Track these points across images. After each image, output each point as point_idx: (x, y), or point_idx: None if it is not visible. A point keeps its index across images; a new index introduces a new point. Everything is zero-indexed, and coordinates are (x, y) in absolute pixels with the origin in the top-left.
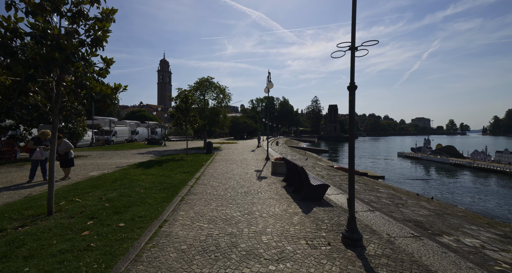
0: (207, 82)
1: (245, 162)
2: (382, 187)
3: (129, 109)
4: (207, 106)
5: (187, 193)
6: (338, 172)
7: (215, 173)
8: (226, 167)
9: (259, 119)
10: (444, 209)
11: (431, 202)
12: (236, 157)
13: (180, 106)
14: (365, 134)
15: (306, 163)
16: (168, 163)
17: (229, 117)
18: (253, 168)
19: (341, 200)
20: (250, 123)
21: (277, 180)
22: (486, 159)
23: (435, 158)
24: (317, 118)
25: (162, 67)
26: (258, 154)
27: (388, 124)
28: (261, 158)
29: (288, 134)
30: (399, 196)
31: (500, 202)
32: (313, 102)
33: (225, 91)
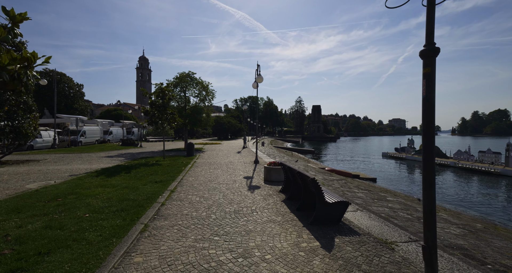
0: (188, 78)
1: (232, 167)
2: (385, 192)
3: (104, 107)
4: (189, 103)
5: (155, 216)
6: (333, 175)
7: (195, 182)
8: (210, 173)
9: (243, 119)
10: (471, 223)
11: (452, 213)
12: (221, 160)
13: (155, 102)
14: (346, 135)
15: (297, 166)
16: (138, 169)
17: (212, 117)
18: (242, 174)
19: (365, 222)
20: (235, 123)
21: (273, 191)
22: (469, 159)
23: (419, 158)
24: (301, 119)
25: (141, 64)
26: (245, 156)
27: (367, 124)
28: (249, 161)
29: (272, 134)
30: (413, 207)
31: None
32: (297, 102)
33: (208, 88)
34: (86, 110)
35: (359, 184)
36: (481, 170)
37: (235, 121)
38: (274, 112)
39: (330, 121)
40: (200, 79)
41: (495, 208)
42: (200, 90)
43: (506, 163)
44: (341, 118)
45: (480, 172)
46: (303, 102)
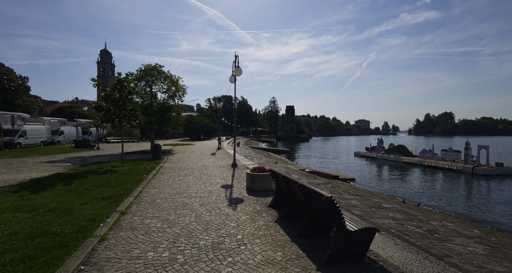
0: (155, 71)
1: (206, 172)
2: (374, 196)
3: (57, 104)
4: (156, 100)
5: (81, 267)
6: (317, 178)
7: (159, 196)
8: (179, 182)
9: (218, 119)
10: (485, 236)
11: (447, 217)
12: (193, 164)
13: (111, 95)
14: (318, 134)
15: (277, 168)
16: (84, 178)
17: (183, 116)
18: (219, 182)
19: (396, 254)
20: (208, 122)
21: (261, 205)
22: (433, 157)
23: (389, 157)
24: (274, 119)
25: (103, 58)
26: (221, 159)
27: (336, 125)
28: (226, 165)
29: (247, 135)
30: (414, 215)
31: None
32: (271, 102)
33: (179, 83)
34: (33, 106)
35: (347, 188)
36: (445, 167)
37: (208, 120)
38: (248, 112)
39: (302, 121)
40: (169, 73)
41: (478, 207)
42: (169, 85)
43: (466, 161)
44: (312, 119)
45: (444, 170)
46: (277, 103)
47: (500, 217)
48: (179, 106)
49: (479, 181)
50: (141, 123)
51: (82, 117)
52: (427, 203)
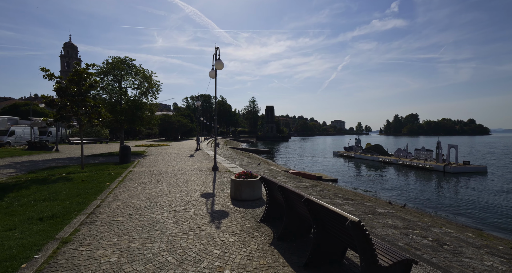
0: (125, 65)
1: (183, 178)
2: (365, 200)
3: (11, 101)
4: (126, 97)
5: None
6: (302, 180)
7: (121, 213)
8: (149, 192)
9: (196, 118)
10: (496, 246)
11: (435, 219)
12: (168, 168)
13: (66, 88)
14: (296, 135)
15: (261, 170)
16: (26, 189)
17: (159, 115)
18: (198, 190)
19: None
20: (185, 122)
21: (250, 220)
22: (408, 156)
23: (366, 157)
24: (254, 119)
25: (67, 52)
26: (200, 161)
27: (314, 125)
28: (206, 168)
29: (226, 135)
30: (412, 221)
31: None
32: (251, 102)
33: (152, 79)
34: None
35: (336, 191)
36: (419, 166)
37: (186, 120)
38: (228, 111)
39: (281, 121)
40: (141, 67)
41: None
42: (141, 80)
43: (437, 160)
44: (291, 119)
45: (418, 168)
46: (257, 103)
47: (478, 213)
48: (152, 104)
49: (451, 178)
50: (106, 122)
51: (40, 115)
52: (411, 203)
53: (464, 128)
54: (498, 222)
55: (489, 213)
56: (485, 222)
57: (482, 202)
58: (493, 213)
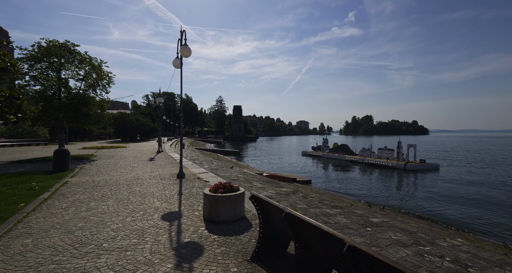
0: (65, 50)
1: (139, 189)
2: (353, 206)
3: None
4: (66, 89)
5: None
6: (281, 184)
7: (25, 262)
8: (84, 216)
9: (158, 117)
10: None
11: (419, 223)
12: (120, 176)
13: None
14: (264, 135)
15: (234, 174)
16: None
17: (114, 113)
18: (158, 208)
19: None
20: (146, 121)
21: (235, 257)
22: (372, 155)
23: (333, 156)
24: (221, 119)
25: None
26: (162, 166)
27: (280, 125)
28: (169, 175)
29: (192, 135)
30: (411, 232)
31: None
32: (218, 102)
33: (102, 69)
34: None
35: (321, 197)
36: (382, 164)
37: (146, 119)
38: (193, 110)
39: (249, 121)
40: (88, 55)
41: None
42: (87, 71)
43: (398, 158)
44: (258, 119)
45: (382, 166)
46: (224, 102)
47: (442, 207)
48: (103, 99)
49: (410, 175)
50: (32, 119)
51: None
52: (384, 203)
53: (409, 129)
54: (461, 218)
55: (450, 208)
56: (453, 218)
57: (440, 196)
58: (452, 207)
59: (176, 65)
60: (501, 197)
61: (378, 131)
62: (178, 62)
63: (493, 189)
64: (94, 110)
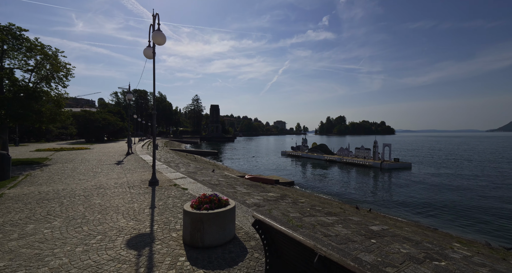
0: (9, 36)
1: (100, 202)
2: (347, 212)
3: None
4: (15, 81)
5: None
6: (268, 189)
7: None
8: (14, 248)
9: (128, 116)
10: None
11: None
12: (77, 185)
13: None
14: (241, 135)
15: (214, 177)
16: None
17: (71, 110)
18: (123, 230)
19: None
20: (114, 120)
21: None
22: (349, 155)
23: (312, 156)
24: (198, 118)
25: None
26: (132, 171)
27: (258, 125)
28: (140, 182)
29: (166, 135)
30: (416, 242)
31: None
32: (194, 101)
33: (58, 59)
34: None
35: (312, 203)
36: (360, 163)
37: (114, 118)
38: (168, 109)
39: (226, 121)
40: (39, 42)
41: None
42: (38, 60)
43: (374, 157)
44: (236, 119)
45: (359, 165)
46: (201, 101)
47: (422, 206)
48: (60, 94)
49: (387, 174)
50: None
51: None
52: (368, 204)
53: (378, 129)
54: (439, 215)
55: (428, 206)
56: (432, 216)
57: (417, 194)
58: (428, 204)
59: (148, 55)
60: (469, 192)
61: (350, 131)
62: (150, 52)
63: (462, 186)
64: (48, 107)
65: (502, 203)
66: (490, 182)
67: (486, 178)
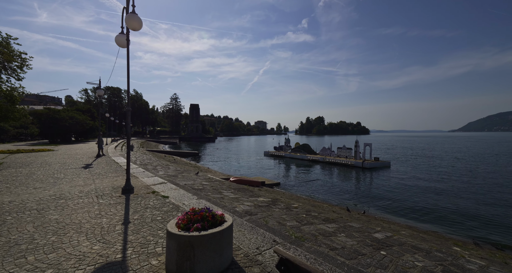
0: None
1: (57, 218)
2: (346, 218)
3: None
4: None
5: None
6: (258, 193)
7: None
8: None
9: (98, 115)
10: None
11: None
12: (30, 195)
13: None
14: (222, 135)
15: (197, 181)
16: None
17: (24, 107)
18: (82, 260)
19: None
20: (83, 119)
21: None
22: (331, 154)
23: (295, 156)
24: (177, 117)
25: None
26: (102, 176)
27: (239, 125)
28: (111, 189)
29: (142, 135)
30: (430, 252)
31: None
32: (173, 100)
33: (10, 47)
34: None
35: (306, 208)
36: (342, 163)
37: (83, 116)
38: (144, 108)
39: (207, 121)
40: None
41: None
42: None
43: (355, 157)
44: (216, 119)
45: (341, 165)
46: (179, 100)
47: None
48: (13, 88)
49: (368, 173)
50: None
51: None
52: (356, 204)
53: (354, 129)
54: (424, 214)
55: (412, 205)
56: (418, 215)
57: (399, 193)
58: (412, 203)
59: (121, 42)
60: (446, 188)
61: (328, 131)
62: (123, 39)
63: (438, 182)
64: None
65: (472, 197)
66: (463, 178)
67: (458, 175)
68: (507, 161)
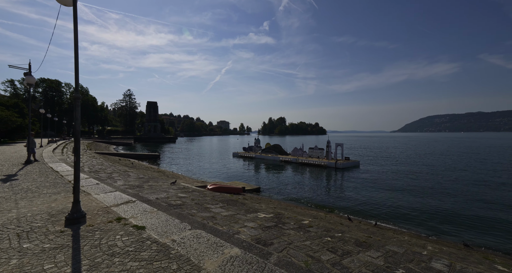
0: None
1: None
2: (339, 228)
3: None
4: None
5: None
6: (252, 207)
7: None
8: None
9: (28, 110)
10: None
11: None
12: None
13: None
14: (183, 135)
15: (171, 192)
16: None
17: None
18: None
19: None
20: (8, 115)
21: None
22: (303, 155)
23: (267, 157)
24: (131, 116)
25: None
26: (34, 194)
27: (201, 125)
28: (48, 216)
29: (89, 135)
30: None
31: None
32: (126, 96)
33: None
34: None
35: (320, 224)
36: (315, 164)
37: (8, 112)
38: (91, 105)
39: (166, 120)
40: None
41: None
42: None
43: (327, 157)
44: (176, 118)
45: (314, 165)
46: (134, 97)
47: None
48: None
49: (340, 173)
50: None
51: None
52: (347, 209)
53: (313, 129)
54: (411, 215)
55: (397, 207)
56: (408, 218)
57: (380, 193)
58: (398, 204)
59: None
60: (414, 184)
61: (290, 131)
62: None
63: (406, 178)
64: None
65: (436, 192)
66: (424, 173)
67: (418, 171)
68: (457, 159)
